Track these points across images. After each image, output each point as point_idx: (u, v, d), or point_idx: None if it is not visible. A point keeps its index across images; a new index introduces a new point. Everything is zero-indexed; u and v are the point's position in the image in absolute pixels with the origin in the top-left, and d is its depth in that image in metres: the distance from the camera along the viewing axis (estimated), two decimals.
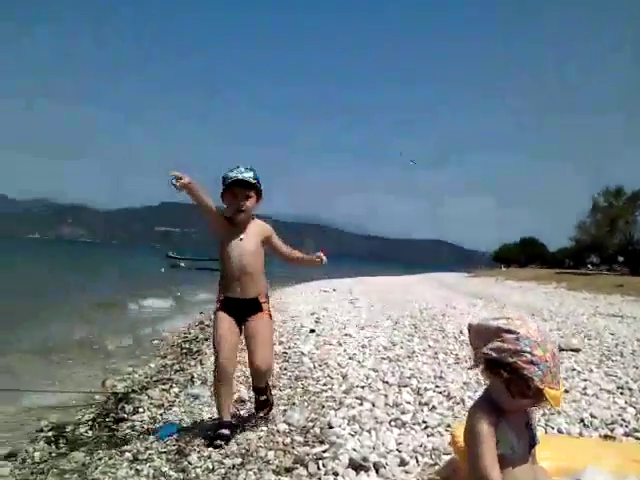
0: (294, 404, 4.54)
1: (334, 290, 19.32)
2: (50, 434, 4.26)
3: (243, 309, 3.74)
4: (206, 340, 8.27)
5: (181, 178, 3.38)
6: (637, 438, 3.68)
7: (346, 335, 8.18)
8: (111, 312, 13.15)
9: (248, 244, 3.70)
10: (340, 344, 7.36)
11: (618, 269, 47.15)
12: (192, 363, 6.68)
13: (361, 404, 4.48)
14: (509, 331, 1.84)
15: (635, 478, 2.07)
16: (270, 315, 3.85)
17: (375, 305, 13.82)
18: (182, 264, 47.67)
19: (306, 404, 4.54)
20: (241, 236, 3.70)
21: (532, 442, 1.97)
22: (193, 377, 5.76)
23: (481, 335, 1.91)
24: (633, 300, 18.72)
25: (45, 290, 17.50)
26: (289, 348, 7.04)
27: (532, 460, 1.99)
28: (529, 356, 1.77)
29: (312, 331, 8.44)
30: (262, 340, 3.72)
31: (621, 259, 49.89)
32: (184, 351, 7.85)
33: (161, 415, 4.50)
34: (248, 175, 3.60)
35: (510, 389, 1.82)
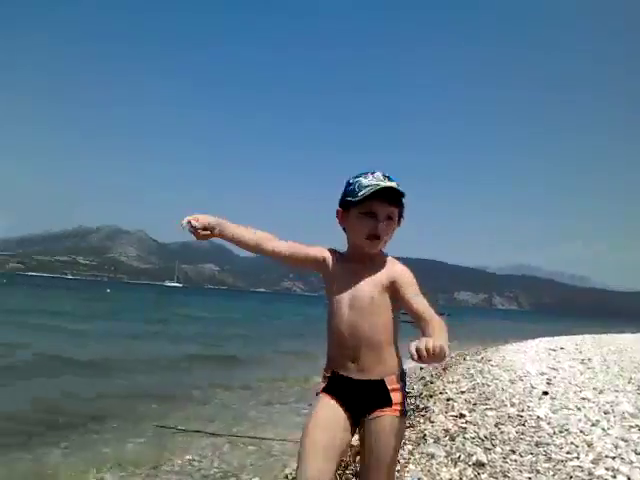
0: (539, 472, 4.31)
1: (561, 349, 18.07)
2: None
3: (360, 396, 2.34)
4: (431, 397, 8.23)
5: (197, 220, 2.32)
6: None
7: (583, 399, 7.58)
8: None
9: (372, 293, 2.32)
10: (579, 408, 6.84)
11: None
12: (421, 420, 6.66)
13: (614, 477, 4.13)
14: None
15: None
16: (402, 411, 2.37)
17: (611, 366, 12.64)
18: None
19: (552, 472, 4.29)
20: (362, 281, 2.33)
21: None
22: (425, 435, 5.74)
23: None
24: None
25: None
26: (522, 410, 6.71)
27: None
28: None
29: (545, 393, 7.96)
30: (379, 464, 2.32)
31: None
32: (410, 407, 7.86)
33: (398, 472, 4.53)
34: (393, 184, 2.26)
35: None
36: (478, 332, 33.68)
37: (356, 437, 2.42)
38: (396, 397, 2.33)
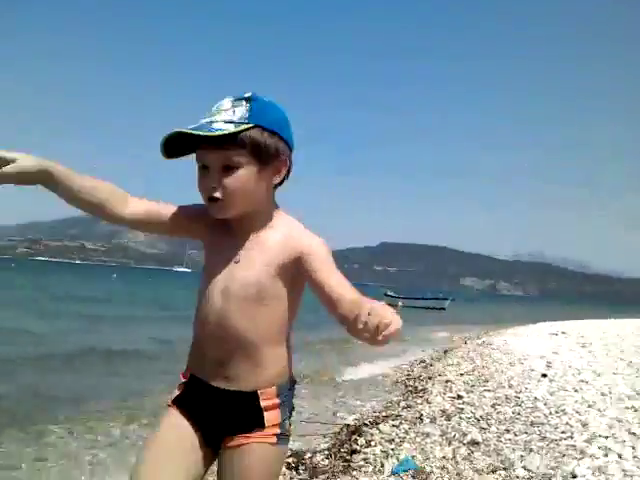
0: (532, 450, 4.37)
1: (563, 333, 18.12)
2: (290, 460, 4.52)
3: (223, 412, 1.66)
4: (429, 379, 8.32)
5: None
6: None
7: (582, 381, 7.63)
8: (338, 347, 13.74)
9: (248, 272, 1.64)
10: (576, 390, 6.89)
11: None
12: (419, 401, 6.73)
13: (606, 455, 4.17)
14: None
15: None
16: (280, 436, 1.68)
17: (611, 350, 12.68)
18: (400, 303, 48.50)
19: (545, 451, 4.34)
20: (237, 256, 1.67)
21: None
22: (422, 415, 5.81)
23: None
24: None
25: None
26: (520, 392, 6.77)
27: None
28: None
29: (544, 375, 8.02)
30: None
31: None
32: (409, 389, 7.96)
33: (392, 450, 4.60)
34: (222, 122, 1.53)
35: None
36: (481, 317, 33.78)
37: None
38: (272, 417, 1.65)
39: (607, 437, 4.67)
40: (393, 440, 4.96)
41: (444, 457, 4.30)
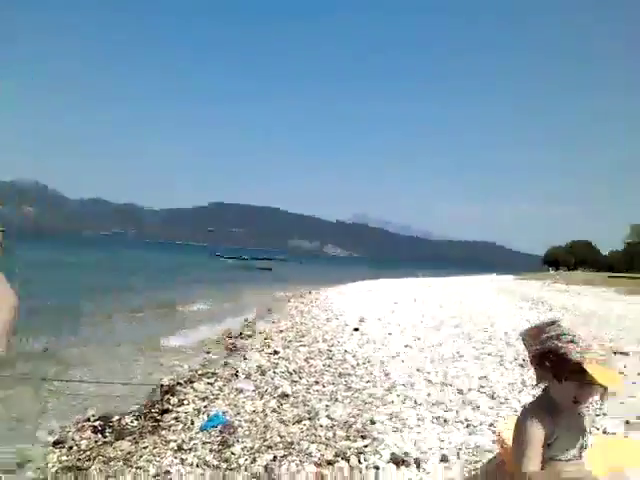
0: (337, 400, 4.55)
1: (379, 290, 19.27)
2: (97, 423, 4.34)
3: None
4: (249, 336, 8.37)
5: None
6: None
7: (390, 334, 8.15)
8: (165, 312, 13.32)
9: None
10: (384, 343, 7.33)
11: None
12: (236, 359, 6.73)
13: (404, 402, 4.47)
14: (552, 322, 1.85)
15: None
16: None
17: (420, 306, 13.71)
18: (229, 262, 48.71)
19: (349, 400, 4.54)
20: None
21: (584, 445, 1.94)
22: (237, 372, 5.81)
23: (531, 338, 1.91)
24: None
25: (110, 290, 17.88)
26: (332, 346, 7.05)
27: (581, 462, 1.95)
28: (569, 337, 1.77)
29: (356, 329, 8.43)
30: None
31: None
32: (229, 347, 7.93)
33: (205, 407, 4.55)
34: None
35: (556, 375, 1.80)
36: (307, 277, 34.65)
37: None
38: None
39: (406, 385, 5.02)
40: (207, 397, 4.90)
41: (254, 411, 4.33)
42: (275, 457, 3.29)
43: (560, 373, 1.81)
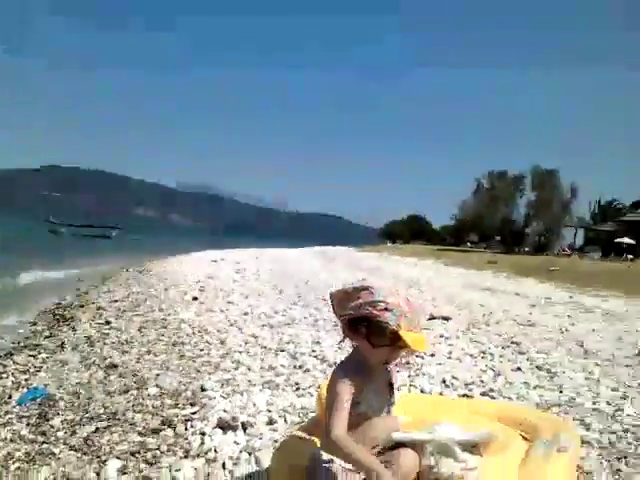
0: (168, 369, 4.47)
1: (222, 260, 19.17)
2: None
3: None
4: (81, 307, 7.94)
5: None
6: (492, 397, 3.92)
7: (229, 303, 8.16)
8: None
9: None
10: (222, 311, 7.34)
11: (494, 247, 50.74)
12: (64, 329, 6.37)
13: (237, 368, 4.50)
14: (364, 288, 1.90)
15: (481, 428, 2.20)
16: None
17: (261, 275, 13.86)
18: (63, 230, 45.44)
19: (181, 368, 4.48)
20: None
21: (391, 401, 2.05)
22: (64, 343, 5.51)
23: (342, 301, 1.95)
24: (504, 276, 20.01)
25: None
26: (169, 315, 6.91)
27: (391, 417, 2.06)
28: (383, 304, 1.83)
29: (195, 299, 8.34)
30: None
31: (498, 238, 53.64)
32: (57, 317, 7.48)
33: (26, 380, 4.27)
34: None
35: (371, 341, 1.87)
36: (149, 246, 33.53)
37: None
38: None
39: (241, 352, 5.06)
40: (28, 370, 4.60)
41: (79, 383, 4.12)
42: (97, 428, 3.16)
43: (376, 340, 1.88)
